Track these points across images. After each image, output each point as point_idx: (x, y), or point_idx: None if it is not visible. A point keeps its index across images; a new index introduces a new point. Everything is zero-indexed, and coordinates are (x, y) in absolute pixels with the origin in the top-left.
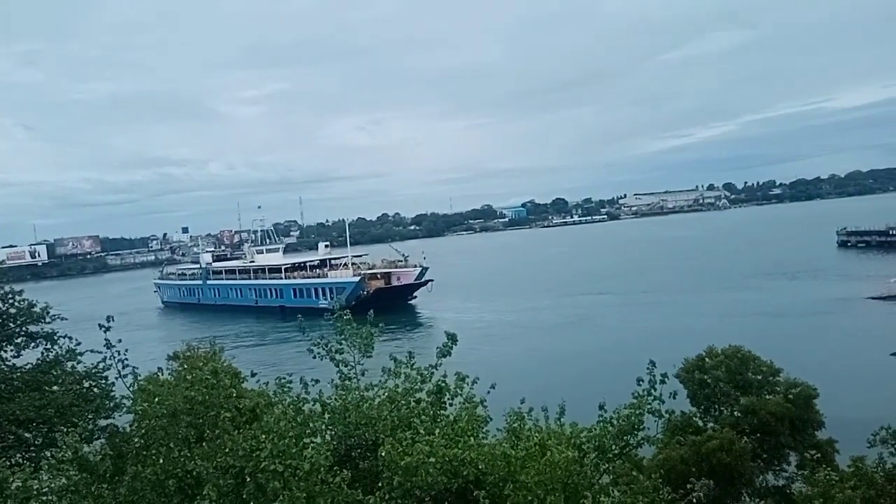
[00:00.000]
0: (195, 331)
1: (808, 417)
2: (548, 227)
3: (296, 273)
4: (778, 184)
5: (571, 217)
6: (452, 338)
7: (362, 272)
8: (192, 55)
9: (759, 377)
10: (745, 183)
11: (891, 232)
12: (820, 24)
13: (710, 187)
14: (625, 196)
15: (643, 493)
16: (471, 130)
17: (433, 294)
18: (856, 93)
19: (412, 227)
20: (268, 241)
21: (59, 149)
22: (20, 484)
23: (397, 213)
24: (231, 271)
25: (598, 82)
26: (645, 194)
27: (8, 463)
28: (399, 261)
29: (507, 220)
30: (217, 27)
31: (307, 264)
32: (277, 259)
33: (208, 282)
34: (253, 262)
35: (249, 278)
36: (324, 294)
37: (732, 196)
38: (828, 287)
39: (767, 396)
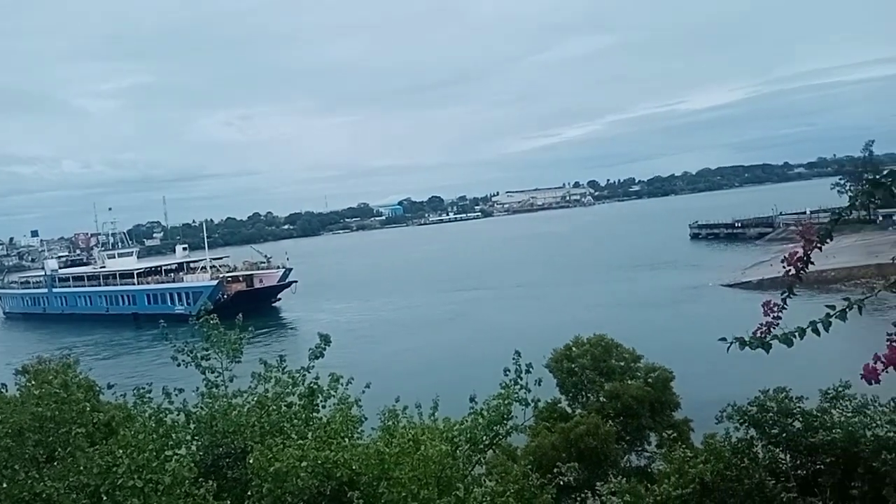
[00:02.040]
0: (40, 343)
1: (666, 399)
2: (424, 224)
3: (150, 278)
4: (637, 181)
5: (447, 214)
6: (325, 339)
7: (221, 275)
8: (37, 45)
9: (622, 363)
10: (608, 180)
11: (736, 225)
12: (674, 31)
13: (576, 185)
14: (497, 194)
15: (514, 481)
16: (345, 127)
17: (304, 295)
18: (705, 95)
19: (286, 227)
20: (120, 244)
21: None
22: None
23: (270, 213)
24: (79, 278)
25: (471, 81)
26: (516, 192)
27: None
28: (261, 262)
29: (384, 218)
30: (70, 15)
31: (162, 268)
32: (130, 263)
33: (54, 290)
34: (104, 267)
35: (99, 285)
36: (180, 299)
37: (596, 193)
38: (683, 276)
39: (629, 381)
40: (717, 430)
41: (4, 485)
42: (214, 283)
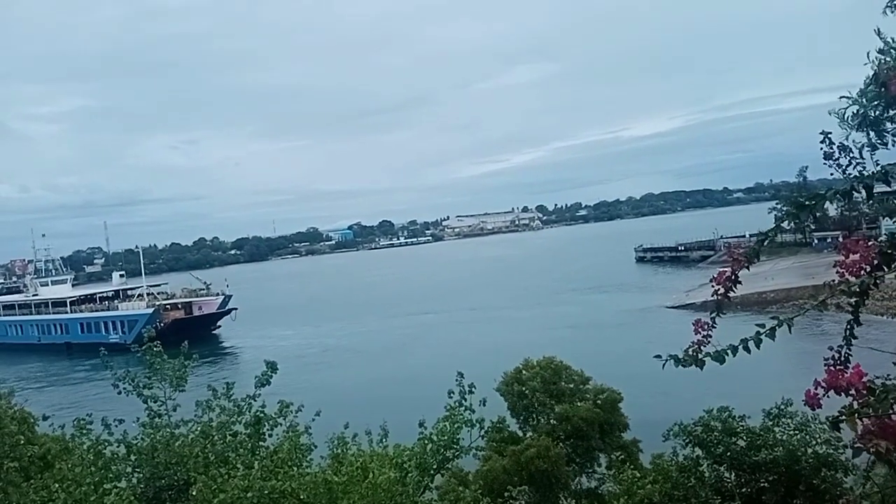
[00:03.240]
0: None
1: (615, 420)
2: (375, 248)
3: (84, 306)
4: (584, 205)
5: (398, 238)
6: (272, 366)
7: (158, 303)
8: None
9: (572, 385)
10: (556, 205)
11: (680, 248)
12: (616, 60)
13: (525, 209)
14: (448, 218)
15: None
16: (292, 152)
17: (249, 322)
18: (648, 122)
19: (233, 252)
20: (54, 271)
21: None
22: None
23: (216, 238)
24: (10, 306)
25: (417, 107)
26: (466, 216)
27: None
28: (200, 289)
29: (333, 242)
30: (5, 35)
31: (97, 296)
32: (64, 291)
33: None
34: (36, 294)
35: (31, 313)
36: (114, 328)
37: (545, 217)
38: (630, 299)
39: (579, 403)
40: (665, 450)
41: None
42: (150, 310)
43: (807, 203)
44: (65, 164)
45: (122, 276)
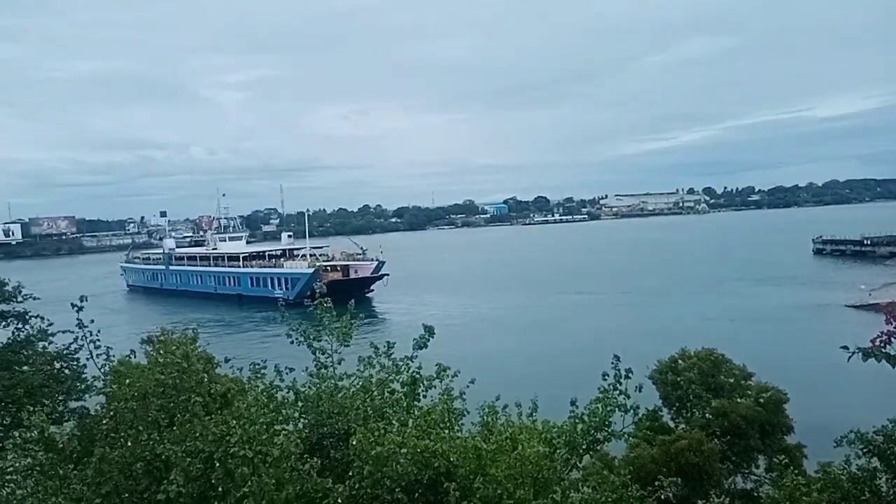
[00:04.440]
0: (157, 315)
1: (778, 422)
2: (529, 224)
3: (254, 262)
4: (757, 190)
5: (553, 215)
6: (430, 330)
7: (318, 264)
8: (175, 36)
9: (731, 380)
10: (725, 188)
11: (865, 242)
12: (803, 32)
13: (691, 191)
14: (606, 196)
15: (612, 490)
16: (454, 124)
17: (403, 288)
18: (836, 102)
19: (394, 220)
20: (232, 229)
21: (38, 127)
22: None
23: (379, 205)
24: (192, 258)
25: (582, 81)
26: (625, 195)
27: None
28: (357, 254)
29: (488, 216)
30: (202, 8)
31: (266, 254)
32: (239, 247)
33: (171, 267)
34: (215, 249)
35: (210, 265)
36: (279, 284)
37: (712, 200)
38: (804, 294)
39: (738, 399)
40: (834, 459)
41: (130, 443)
42: (311, 270)
43: None
44: (247, 129)
45: (289, 236)
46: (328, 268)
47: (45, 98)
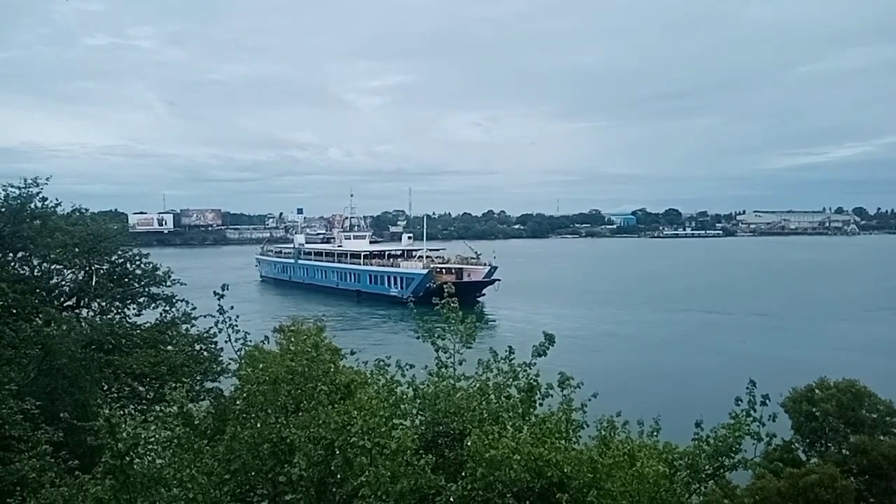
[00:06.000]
0: (283, 306)
1: None
2: (658, 237)
3: (374, 261)
4: None
5: (684, 229)
6: (550, 338)
7: (432, 265)
8: (321, 42)
9: (875, 416)
10: (878, 209)
11: None
12: None
13: (839, 210)
14: (744, 212)
15: None
16: (585, 133)
17: (513, 294)
18: None
19: (516, 227)
20: (357, 228)
21: (194, 125)
22: (130, 431)
23: (503, 212)
24: (319, 254)
25: (726, 91)
26: (766, 212)
27: (122, 412)
28: (471, 258)
29: (614, 227)
30: (347, 15)
31: (386, 253)
32: (361, 246)
33: (299, 261)
34: (340, 246)
35: (334, 262)
36: (395, 283)
37: (863, 222)
38: None
39: (881, 437)
40: None
41: (259, 425)
42: (425, 271)
43: None
44: (382, 133)
45: (409, 237)
46: (442, 269)
47: (203, 99)
